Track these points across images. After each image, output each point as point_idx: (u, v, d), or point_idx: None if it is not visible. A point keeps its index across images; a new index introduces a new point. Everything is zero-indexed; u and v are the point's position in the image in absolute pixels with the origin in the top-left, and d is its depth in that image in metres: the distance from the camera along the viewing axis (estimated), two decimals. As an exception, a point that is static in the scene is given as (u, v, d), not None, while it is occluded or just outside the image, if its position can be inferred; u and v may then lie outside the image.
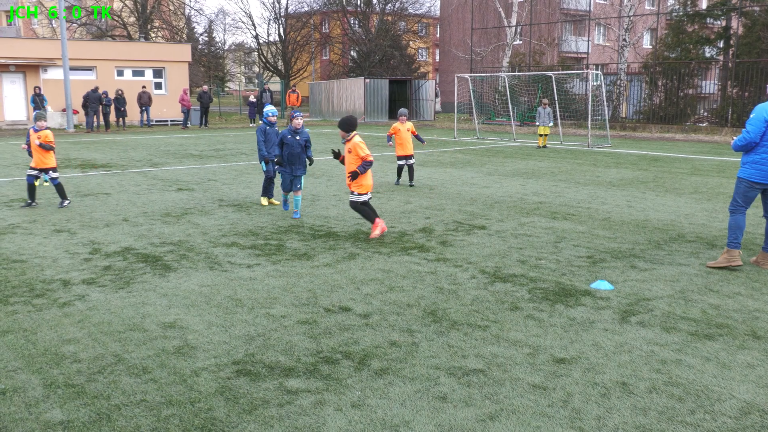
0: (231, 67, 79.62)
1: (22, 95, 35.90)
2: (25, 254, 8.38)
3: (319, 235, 9.40)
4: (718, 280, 7.21)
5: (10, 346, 5.38)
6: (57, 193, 11.77)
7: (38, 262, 7.98)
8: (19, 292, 6.78)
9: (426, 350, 5.27)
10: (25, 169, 17.20)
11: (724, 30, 34.33)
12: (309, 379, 4.74)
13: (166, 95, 40.12)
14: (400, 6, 61.58)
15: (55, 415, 4.25)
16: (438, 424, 4.12)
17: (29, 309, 6.27)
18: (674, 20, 35.92)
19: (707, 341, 5.45)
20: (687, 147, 24.40)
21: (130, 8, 52.70)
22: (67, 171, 16.34)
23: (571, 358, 5.11)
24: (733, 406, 4.34)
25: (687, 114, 33.46)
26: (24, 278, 7.31)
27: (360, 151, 9.06)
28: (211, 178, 15.56)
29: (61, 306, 6.36)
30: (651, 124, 32.83)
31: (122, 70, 39.04)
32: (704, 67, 34.91)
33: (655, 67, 34.57)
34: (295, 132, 10.38)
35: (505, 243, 8.96)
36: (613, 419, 4.18)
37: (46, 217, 10.74)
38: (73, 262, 8.01)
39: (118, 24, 53.54)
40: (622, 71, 36.41)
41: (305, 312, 6.17)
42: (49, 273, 7.52)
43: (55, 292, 6.78)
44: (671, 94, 33.96)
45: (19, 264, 7.91)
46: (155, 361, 5.06)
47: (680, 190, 13.76)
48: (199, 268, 7.70)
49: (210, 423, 4.14)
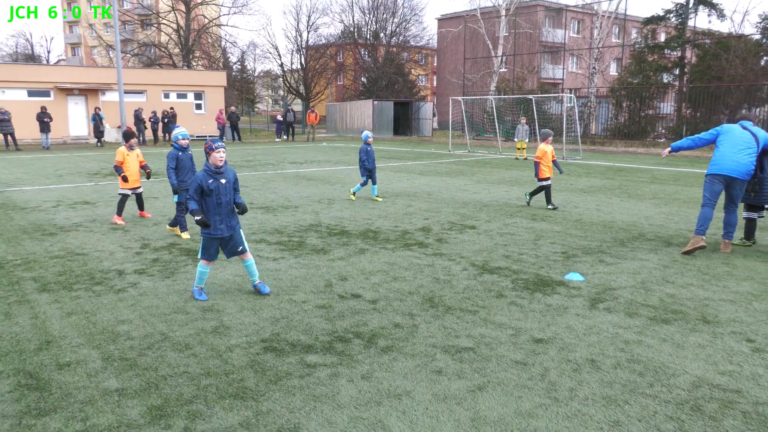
0: (260, 90, 79.69)
1: (83, 115, 36.08)
2: (87, 248, 8.43)
3: (334, 233, 9.41)
4: (674, 272, 7.19)
5: (74, 325, 5.41)
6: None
7: (97, 255, 8.02)
8: (81, 281, 6.82)
9: (424, 331, 5.28)
10: (84, 176, 17.30)
11: (679, 59, 34.23)
12: (325, 355, 4.76)
13: (205, 114, 40.24)
14: (403, 39, 61.59)
15: (112, 384, 4.27)
16: (435, 394, 4.12)
17: (90, 294, 6.31)
18: (637, 51, 35.89)
19: (664, 325, 5.44)
20: (647, 159, 24.33)
21: (174, 41, 52.87)
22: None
23: (548, 339, 5.10)
24: (686, 380, 4.34)
25: (647, 131, 33.37)
26: (86, 269, 7.35)
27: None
28: (243, 184, 15.59)
29: (117, 292, 6.39)
30: (617, 140, 32.72)
31: (168, 93, 39.19)
32: (662, 91, 34.83)
33: (620, 91, 34.46)
34: (218, 172, 5.88)
35: (492, 240, 8.96)
36: (583, 391, 4.18)
37: (105, 217, 10.79)
38: (126, 255, 8.05)
39: (164, 54, 53.72)
40: (592, 95, 36.32)
41: (322, 298, 6.19)
42: (106, 264, 7.56)
43: (112, 281, 6.82)
44: (634, 114, 33.86)
45: (82, 257, 7.96)
46: (195, 339, 5.09)
47: (641, 196, 13.73)
48: (232, 261, 7.72)
49: (242, 391, 4.16)
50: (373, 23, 60.30)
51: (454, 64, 54.79)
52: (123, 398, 4.06)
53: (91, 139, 34.39)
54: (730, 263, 7.66)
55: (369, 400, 4.04)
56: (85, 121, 35.98)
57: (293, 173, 18.33)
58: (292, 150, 28.93)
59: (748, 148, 7.87)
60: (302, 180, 16.50)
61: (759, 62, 30.84)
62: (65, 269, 7.31)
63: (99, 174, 18.00)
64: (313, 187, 15.05)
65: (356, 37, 60.86)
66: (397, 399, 4.06)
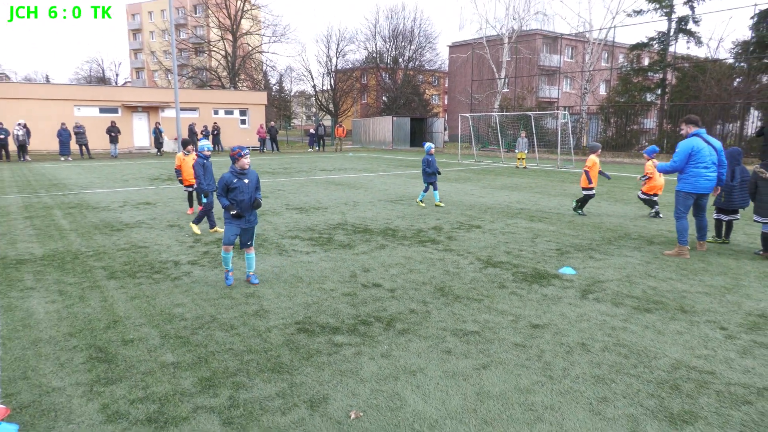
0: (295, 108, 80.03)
1: (145, 128, 36.55)
2: (148, 242, 8.53)
3: (358, 231, 9.42)
4: (656, 268, 7.07)
5: (137, 307, 5.48)
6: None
7: (157, 248, 8.12)
8: (143, 270, 6.91)
9: (436, 316, 5.26)
10: (146, 181, 17.52)
11: (661, 81, 33.67)
12: (350, 336, 4.76)
13: (248, 128, 40.52)
14: (419, 63, 61.39)
15: (168, 358, 4.31)
16: (445, 371, 4.11)
17: (150, 281, 6.39)
18: (623, 74, 35.38)
19: (646, 313, 5.36)
20: (632, 169, 23.96)
21: (223, 65, 53.35)
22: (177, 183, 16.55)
23: (544, 324, 5.05)
24: (666, 363, 4.26)
25: (632, 144, 32.84)
26: (147, 259, 7.44)
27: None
28: (281, 188, 15.68)
29: (173, 279, 6.46)
30: (605, 151, 32.24)
31: (217, 110, 39.53)
32: (646, 109, 34.27)
33: (608, 109, 33.99)
34: (242, 173, 6.07)
35: (495, 238, 8.89)
36: (575, 370, 4.13)
37: (163, 216, 10.91)
38: (181, 248, 8.14)
39: (214, 77, 54.24)
40: (584, 112, 35.87)
41: (348, 287, 6.19)
42: (164, 256, 7.64)
43: (169, 270, 6.89)
44: (621, 129, 33.38)
45: (144, 249, 8.05)
46: (239, 321, 5.12)
47: (627, 200, 13.52)
48: (271, 253, 7.76)
49: (278, 366, 4.18)
50: (393, 50, 60.22)
51: (463, 85, 54.53)
52: (177, 370, 4.10)
53: (152, 150, 34.83)
54: (705, 260, 7.51)
55: (388, 376, 4.03)
56: (147, 134, 36.45)
57: (323, 179, 18.38)
58: (323, 159, 29.02)
59: (713, 164, 7.47)
60: (331, 185, 16.54)
61: (732, 83, 30.23)
62: (130, 260, 7.41)
63: (158, 179, 18.22)
64: (340, 191, 15.08)
65: (378, 62, 60.82)
66: (412, 375, 4.04)
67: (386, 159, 28.96)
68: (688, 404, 3.66)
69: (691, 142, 7.50)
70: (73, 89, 36.04)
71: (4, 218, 10.62)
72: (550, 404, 3.64)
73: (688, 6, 32.18)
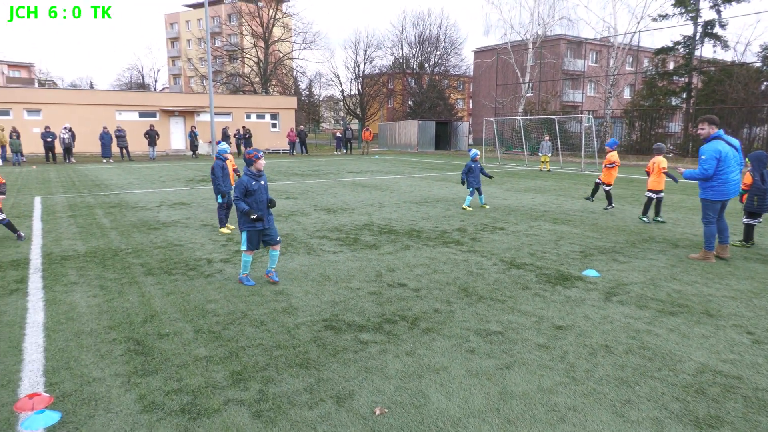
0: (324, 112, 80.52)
1: (182, 132, 37.26)
2: (183, 241, 8.67)
3: (384, 232, 9.41)
4: (681, 271, 6.88)
5: (172, 303, 5.57)
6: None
7: (191, 246, 8.24)
8: (178, 267, 7.02)
9: (460, 316, 5.21)
10: (182, 182, 17.84)
11: (686, 84, 32.80)
12: (376, 334, 4.75)
13: (279, 132, 40.95)
14: (444, 69, 61.10)
15: (201, 352, 4.37)
16: (468, 370, 4.06)
17: (185, 278, 6.49)
18: (648, 78, 34.60)
19: (671, 317, 5.21)
20: (657, 172, 23.39)
21: (255, 71, 54.05)
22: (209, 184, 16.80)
23: (567, 326, 4.96)
24: (691, 366, 4.14)
25: (657, 147, 32.19)
26: (182, 257, 7.56)
27: None
28: (309, 190, 15.78)
29: (206, 277, 6.55)
30: (629, 155, 31.63)
31: (250, 114, 40.04)
32: (670, 113, 33.48)
33: (633, 113, 33.30)
34: (258, 175, 6.13)
35: (519, 240, 8.78)
36: (598, 372, 4.04)
37: (197, 216, 11.08)
38: (214, 247, 8.25)
39: (247, 83, 54.97)
40: (608, 115, 35.23)
41: (373, 286, 6.19)
42: (198, 254, 7.76)
43: (202, 267, 6.99)
44: (645, 133, 32.65)
45: (179, 247, 8.19)
46: (269, 317, 5.16)
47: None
48: (300, 253, 7.81)
49: (306, 361, 4.19)
50: (419, 56, 60.07)
51: (487, 89, 54.10)
52: (210, 364, 4.15)
53: (188, 152, 35.48)
54: (731, 264, 7.28)
55: (412, 373, 4.01)
56: (183, 137, 37.16)
57: (351, 181, 18.44)
58: (350, 162, 29.12)
59: (738, 166, 7.15)
60: (358, 187, 16.58)
61: (759, 87, 29.29)
62: (166, 257, 7.54)
63: (193, 180, 18.53)
64: (367, 192, 15.10)
65: (404, 68, 60.76)
66: (435, 373, 4.01)
67: (412, 162, 28.90)
68: (714, 409, 3.54)
69: (716, 146, 7.05)
70: (114, 95, 36.97)
71: (51, 216, 10.94)
72: (573, 405, 3.57)
73: (715, 10, 31.30)
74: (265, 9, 51.66)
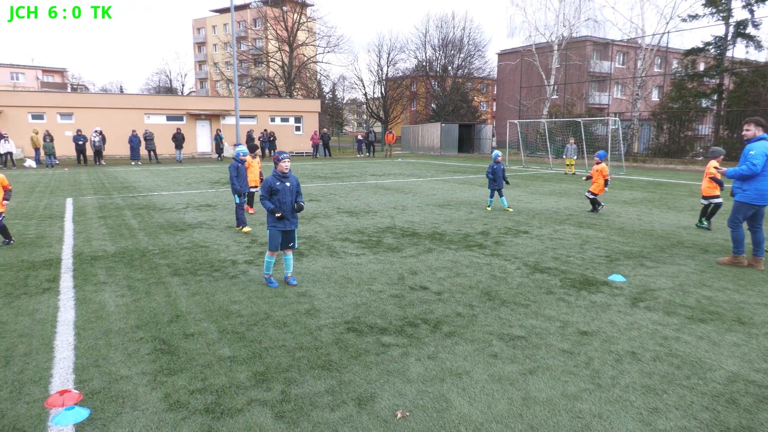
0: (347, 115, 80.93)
1: (207, 135, 37.86)
2: (208, 242, 8.79)
3: (406, 235, 9.40)
4: (710, 277, 6.70)
5: (197, 303, 5.65)
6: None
7: (216, 248, 8.35)
8: (203, 268, 7.12)
9: (482, 320, 5.17)
10: (207, 184, 18.11)
11: (717, 86, 32.01)
12: (398, 337, 4.74)
13: (302, 135, 41.29)
14: (467, 71, 60.89)
15: (225, 352, 4.42)
16: (491, 375, 4.03)
17: (210, 279, 6.57)
18: (677, 79, 33.86)
19: (701, 324, 5.08)
20: (686, 175, 22.89)
21: (280, 75, 54.66)
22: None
23: (592, 332, 4.88)
24: (721, 375, 4.02)
25: (686, 150, 31.41)
26: (207, 258, 7.67)
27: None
28: (332, 192, 15.86)
29: (231, 278, 6.62)
30: (657, 158, 31.00)
31: (274, 117, 40.49)
32: (700, 115, 32.69)
33: (661, 115, 32.63)
34: (283, 177, 6.14)
35: (543, 244, 8.68)
36: (624, 379, 3.96)
37: (222, 217, 11.23)
38: (239, 248, 8.34)
39: (271, 86, 55.62)
40: (635, 118, 34.59)
41: (395, 289, 6.18)
42: (223, 255, 7.85)
43: (227, 268, 7.08)
44: (674, 135, 31.95)
45: (204, 249, 8.30)
46: (292, 319, 5.19)
47: (680, 207, 12.91)
48: (323, 255, 7.85)
49: (328, 363, 4.21)
50: (443, 58, 59.95)
51: (511, 92, 53.67)
52: (233, 364, 4.20)
53: (213, 155, 36.03)
54: (765, 270, 7.06)
55: (434, 377, 3.99)
56: (209, 140, 37.75)
57: (373, 184, 18.47)
58: (373, 164, 29.18)
59: None
60: (381, 189, 16.60)
61: (795, 88, 28.40)
62: (191, 258, 7.65)
63: (219, 182, 18.80)
64: (389, 195, 15.11)
65: (428, 70, 60.71)
66: (458, 377, 3.99)
67: (434, 164, 28.82)
68: (746, 419, 3.43)
69: (765, 146, 6.78)
70: (143, 98, 37.76)
71: (82, 218, 11.22)
72: (598, 412, 3.51)
73: (747, 9, 30.49)
74: (290, 13, 52.26)
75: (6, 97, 32.86)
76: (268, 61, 57.08)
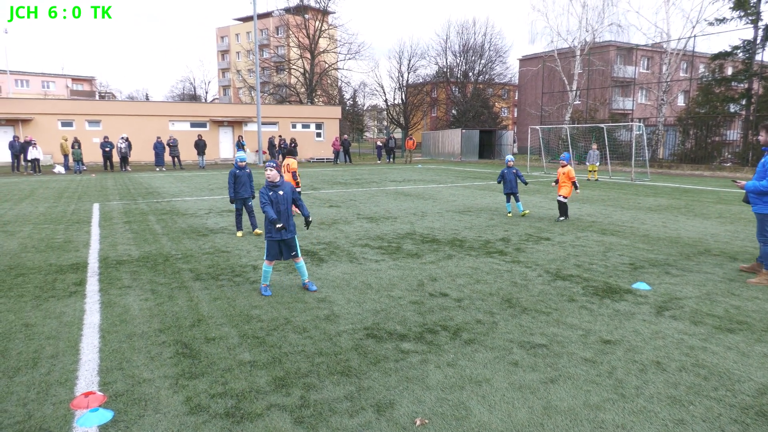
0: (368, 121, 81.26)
1: (230, 141, 38.38)
2: (230, 247, 8.89)
3: (426, 241, 9.37)
4: (739, 286, 6.53)
5: (219, 308, 5.72)
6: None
7: (237, 253, 8.44)
8: (225, 273, 7.20)
9: (503, 328, 5.12)
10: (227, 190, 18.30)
11: (746, 91, 31.28)
12: (417, 343, 4.73)
13: (323, 141, 41.58)
14: (488, 77, 60.68)
15: (245, 357, 4.46)
16: (511, 383, 3.98)
17: (231, 284, 6.64)
18: (704, 84, 33.20)
19: (729, 334, 4.95)
20: (713, 182, 22.37)
21: (301, 82, 55.18)
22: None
23: (615, 340, 4.79)
24: (750, 387, 3.91)
25: (713, 156, 30.72)
26: (228, 263, 7.75)
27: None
28: (352, 198, 15.91)
29: (252, 283, 6.68)
30: (683, 164, 30.39)
31: (295, 124, 40.88)
32: (728, 120, 31.97)
33: (687, 120, 32.00)
34: (275, 186, 6.08)
35: (565, 251, 8.57)
36: (648, 389, 3.88)
37: (243, 222, 11.32)
38: (259, 253, 8.40)
39: (293, 93, 56.19)
40: (660, 123, 34.01)
41: (415, 295, 6.16)
42: (244, 260, 7.93)
43: (248, 273, 7.14)
44: (700, 141, 31.29)
45: (225, 254, 8.40)
46: (311, 324, 5.21)
47: (707, 215, 12.62)
48: (342, 261, 7.87)
49: (347, 369, 4.21)
50: (463, 64, 59.85)
51: (533, 97, 53.28)
52: (254, 369, 4.23)
53: (231, 161, 36.48)
54: (796, 280, 6.84)
55: (453, 385, 3.96)
56: (231, 146, 38.27)
57: (393, 190, 18.48)
58: (393, 171, 29.21)
59: None
60: (401, 195, 16.60)
61: (827, 92, 27.63)
62: (213, 263, 7.75)
63: (241, 188, 18.95)
64: (409, 201, 15.10)
65: (448, 77, 60.66)
66: (477, 385, 3.95)
67: (454, 171, 28.73)
68: (776, 433, 3.33)
69: None
70: (168, 106, 38.51)
71: (108, 222, 11.46)
72: (621, 423, 3.44)
73: (777, 12, 29.79)
74: (311, 21, 52.77)
75: (37, 105, 33.84)
76: (289, 68, 57.70)
